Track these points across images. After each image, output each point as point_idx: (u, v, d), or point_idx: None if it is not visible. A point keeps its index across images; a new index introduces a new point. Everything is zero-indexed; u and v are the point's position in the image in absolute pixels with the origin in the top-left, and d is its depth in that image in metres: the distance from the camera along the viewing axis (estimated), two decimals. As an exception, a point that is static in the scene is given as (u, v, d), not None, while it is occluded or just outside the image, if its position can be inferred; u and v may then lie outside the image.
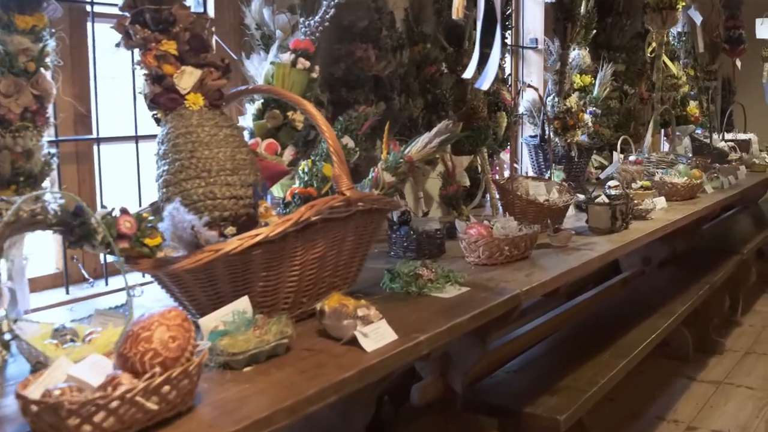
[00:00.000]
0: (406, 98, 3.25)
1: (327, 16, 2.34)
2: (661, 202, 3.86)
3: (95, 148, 2.41)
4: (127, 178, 2.57)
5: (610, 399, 3.83)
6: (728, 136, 6.68)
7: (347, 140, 2.49)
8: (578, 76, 4.29)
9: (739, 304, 5.31)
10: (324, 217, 1.87)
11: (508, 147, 4.10)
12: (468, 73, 2.55)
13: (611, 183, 4.13)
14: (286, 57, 2.24)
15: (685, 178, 4.15)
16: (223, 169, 1.92)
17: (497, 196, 3.44)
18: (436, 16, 3.62)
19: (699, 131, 6.65)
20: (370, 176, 2.29)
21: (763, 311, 5.51)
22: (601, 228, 3.17)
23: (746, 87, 8.01)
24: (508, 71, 4.08)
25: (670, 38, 6.59)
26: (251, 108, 2.27)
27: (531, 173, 4.26)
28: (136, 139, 2.52)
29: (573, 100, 3.92)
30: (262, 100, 2.24)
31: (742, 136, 6.58)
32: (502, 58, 3.87)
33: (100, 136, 2.42)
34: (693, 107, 6.42)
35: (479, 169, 3.67)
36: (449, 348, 2.67)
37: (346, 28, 3.01)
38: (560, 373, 2.89)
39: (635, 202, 3.51)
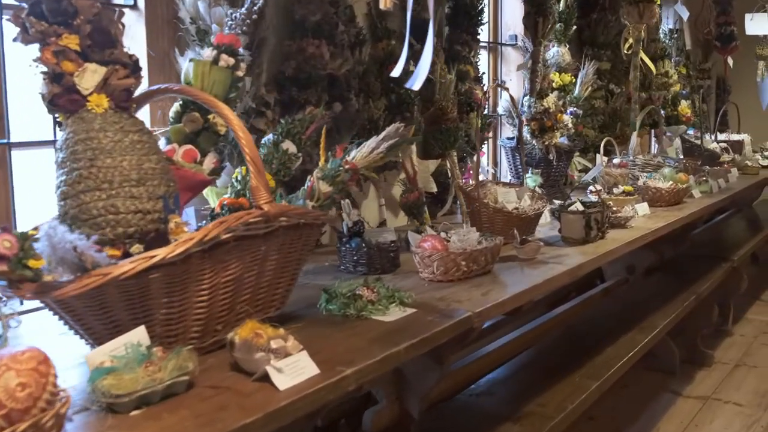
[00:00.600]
0: (366, 99, 3.03)
1: (255, 8, 2.12)
2: (643, 208, 3.64)
3: (7, 153, 2.19)
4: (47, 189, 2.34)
5: (590, 417, 3.61)
6: (721, 136, 6.45)
7: (288, 145, 2.27)
8: (557, 74, 4.07)
9: (729, 312, 5.09)
10: (238, 234, 1.65)
11: (483, 150, 3.87)
12: (396, 72, 2.33)
13: (593, 187, 3.93)
14: (208, 53, 2.02)
15: (670, 182, 3.93)
16: (127, 179, 1.70)
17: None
18: (402, 11, 3.39)
19: (691, 132, 6.43)
20: (305, 186, 2.07)
21: (756, 320, 5.29)
22: (574, 238, 2.95)
23: (741, 86, 7.79)
24: (483, 69, 3.86)
25: (661, 35, 6.37)
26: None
27: (509, 178, 4.04)
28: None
29: (551, 100, 3.70)
30: (181, 102, 2.02)
31: (735, 137, 6.35)
32: (473, 54, 3.65)
33: (12, 140, 2.20)
34: (684, 107, 6.20)
35: (449, 173, 3.45)
36: (405, 369, 2.46)
37: (298, 22, 2.80)
38: (527, 396, 2.68)
39: (614, 209, 3.28)
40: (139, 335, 1.53)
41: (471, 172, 3.83)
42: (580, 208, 3.02)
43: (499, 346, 3.30)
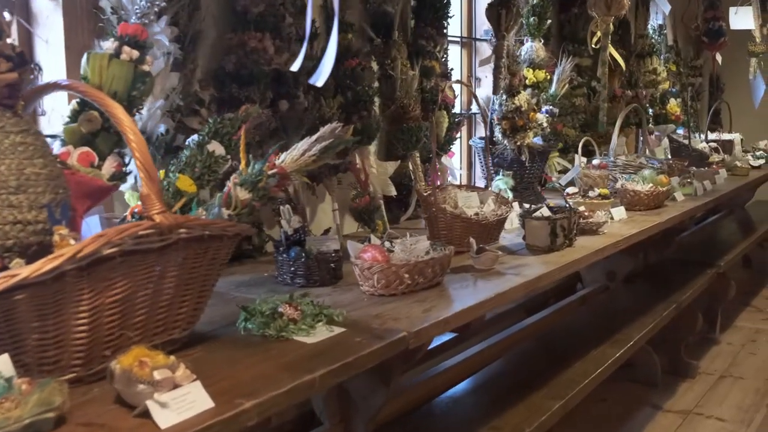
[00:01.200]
0: (317, 96, 2.84)
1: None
2: (620, 212, 3.45)
3: None
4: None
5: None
6: (712, 136, 6.25)
7: (215, 146, 2.08)
8: (530, 71, 3.86)
9: (717, 320, 4.89)
10: (126, 249, 1.46)
11: (452, 151, 3.68)
12: (295, 66, 2.14)
13: (570, 190, 3.74)
14: (108, 45, 1.83)
15: (650, 184, 3.73)
16: (5, 186, 1.52)
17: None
18: (362, 3, 3.21)
19: (681, 131, 6.23)
20: (221, 193, 1.88)
21: (745, 327, 5.09)
22: (539, 246, 2.75)
23: (735, 84, 7.58)
24: (454, 65, 3.66)
25: (650, 31, 6.17)
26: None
27: (480, 180, 3.84)
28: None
29: (523, 97, 3.50)
30: (79, 100, 1.83)
31: (726, 137, 6.15)
32: (439, 49, 3.46)
33: None
34: (673, 105, 6.00)
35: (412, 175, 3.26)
36: (350, 388, 2.27)
37: (240, 14, 2.60)
38: (483, 418, 2.48)
39: (586, 214, 3.09)
40: (2, 365, 1.34)
41: (438, 174, 3.64)
42: (547, 213, 2.82)
43: (462, 360, 3.12)
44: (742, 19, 5.64)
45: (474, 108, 4.07)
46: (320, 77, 1.96)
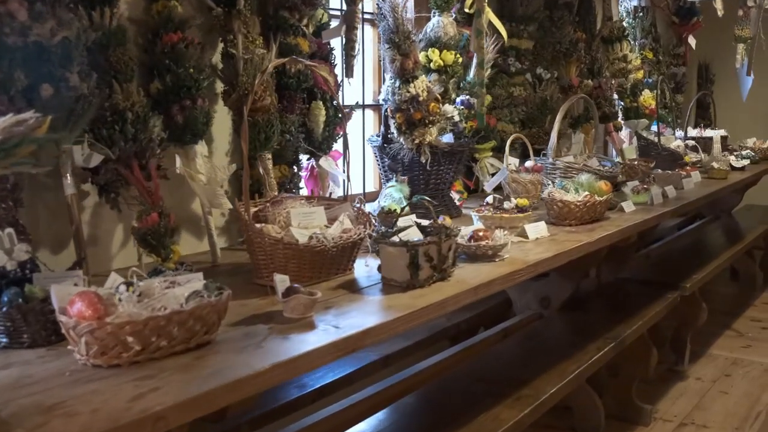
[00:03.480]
0: (108, 80, 2.14)
1: None
2: (537, 229, 2.74)
3: None
4: None
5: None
6: (693, 132, 5.50)
7: None
8: (434, 51, 3.14)
9: (685, 349, 4.16)
10: None
11: (334, 151, 2.97)
12: None
13: (489, 199, 3.03)
14: None
15: (586, 192, 3.01)
16: None
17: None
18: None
19: (655, 126, 5.49)
20: None
21: (720, 357, 4.35)
22: (397, 281, 2.05)
23: (727, 74, 6.82)
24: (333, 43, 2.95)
25: (622, 13, 5.42)
26: None
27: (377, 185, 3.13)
28: None
29: (420, 84, 2.79)
30: None
31: (710, 133, 5.39)
32: (308, 23, 2.75)
33: None
34: (648, 97, 5.26)
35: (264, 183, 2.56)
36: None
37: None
38: None
39: (480, 234, 2.38)
40: None
41: (318, 181, 2.94)
42: (414, 236, 2.12)
43: (341, 409, 2.47)
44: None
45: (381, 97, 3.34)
46: None
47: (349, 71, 2.81)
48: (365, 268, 2.22)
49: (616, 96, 5.31)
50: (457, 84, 3.24)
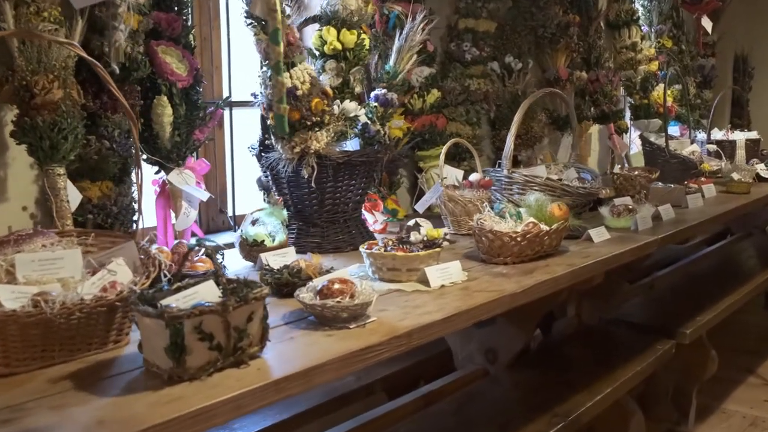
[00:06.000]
0: None
1: None
2: (447, 272, 1.99)
3: None
4: None
5: None
6: (719, 135, 4.63)
7: None
8: (329, 30, 2.38)
9: (690, 406, 3.34)
10: None
11: (194, 157, 2.26)
12: None
13: (421, 222, 2.31)
14: None
15: (530, 220, 2.25)
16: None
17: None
18: None
19: (675, 127, 4.65)
20: None
21: (737, 413, 3.51)
22: (160, 367, 1.34)
23: (767, 67, 5.93)
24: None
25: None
26: None
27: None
28: None
29: (301, 74, 2.05)
30: None
31: (736, 136, 4.52)
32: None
33: None
34: (661, 93, 4.42)
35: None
36: None
37: None
38: None
39: (334, 287, 1.65)
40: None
41: (170, 200, 2.25)
42: (204, 298, 1.40)
43: None
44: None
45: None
46: None
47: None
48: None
49: (623, 92, 4.51)
50: (369, 74, 2.49)
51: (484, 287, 1.96)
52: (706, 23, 4.81)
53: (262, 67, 2.16)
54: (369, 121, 2.39)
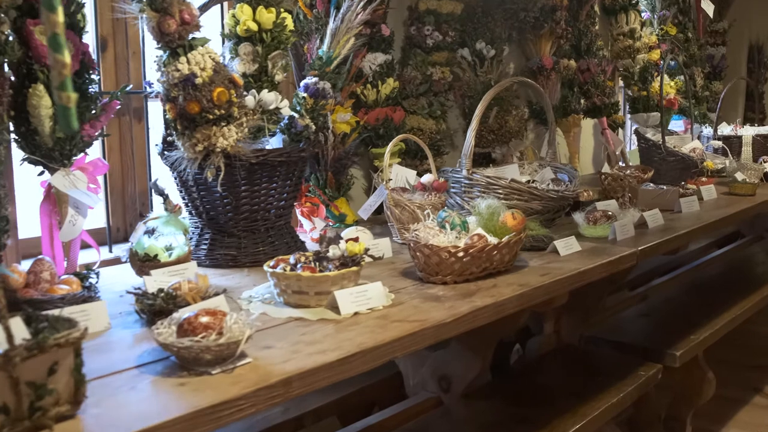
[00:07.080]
0: None
1: None
2: (365, 297, 1.66)
3: None
4: None
5: None
6: (727, 130, 4.23)
7: None
8: (243, 8, 2.04)
9: (684, 431, 2.99)
10: None
11: (84, 157, 1.95)
12: None
13: (354, 232, 2.00)
14: None
15: (477, 231, 1.91)
16: None
17: None
18: None
19: (678, 121, 4.27)
20: None
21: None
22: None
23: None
24: None
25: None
26: None
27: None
28: None
29: (198, 57, 1.73)
30: None
31: (744, 131, 4.13)
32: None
33: None
34: (670, 86, 4.05)
35: None
36: None
37: None
38: None
39: (197, 325, 1.33)
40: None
41: (57, 214, 1.94)
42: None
43: None
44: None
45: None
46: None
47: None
48: None
49: (621, 83, 4.14)
50: (300, 61, 2.15)
51: (406, 316, 1.62)
52: (707, 5, 4.40)
53: (157, 51, 1.84)
54: (296, 115, 2.06)
